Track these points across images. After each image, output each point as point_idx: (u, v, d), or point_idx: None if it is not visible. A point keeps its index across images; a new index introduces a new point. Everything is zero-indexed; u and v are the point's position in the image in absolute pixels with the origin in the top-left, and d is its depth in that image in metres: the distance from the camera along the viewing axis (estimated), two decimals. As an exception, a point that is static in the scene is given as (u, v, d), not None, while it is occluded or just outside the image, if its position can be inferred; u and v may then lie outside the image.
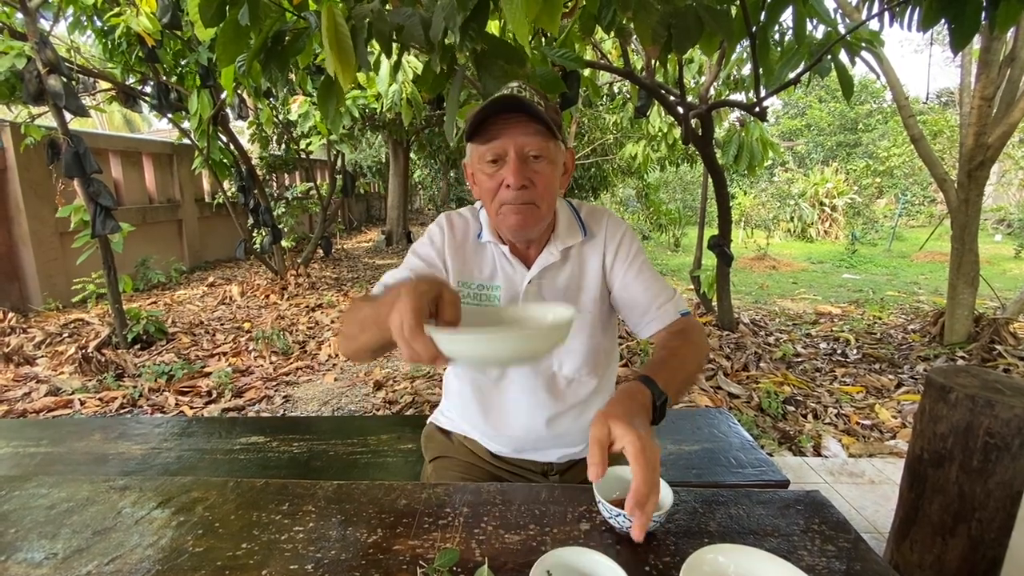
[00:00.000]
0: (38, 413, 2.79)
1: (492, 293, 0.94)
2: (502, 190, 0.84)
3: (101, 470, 1.15)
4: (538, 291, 0.94)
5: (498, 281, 0.94)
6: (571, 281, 0.95)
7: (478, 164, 0.87)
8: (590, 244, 0.96)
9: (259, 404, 2.95)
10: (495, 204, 0.86)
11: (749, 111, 2.77)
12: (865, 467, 2.17)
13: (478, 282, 0.95)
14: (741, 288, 5.98)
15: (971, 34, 1.82)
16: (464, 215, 1.00)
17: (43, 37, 2.99)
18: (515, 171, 0.82)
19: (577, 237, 0.95)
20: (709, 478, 1.15)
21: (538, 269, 0.92)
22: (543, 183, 0.85)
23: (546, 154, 0.84)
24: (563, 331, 0.62)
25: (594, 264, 0.96)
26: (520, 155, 0.83)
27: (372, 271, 7.09)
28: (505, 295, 0.93)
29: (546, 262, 0.92)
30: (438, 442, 1.06)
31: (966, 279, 3.39)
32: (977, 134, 3.08)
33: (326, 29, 1.21)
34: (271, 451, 1.23)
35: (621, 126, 7.13)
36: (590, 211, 1.00)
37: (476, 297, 0.95)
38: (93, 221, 3.30)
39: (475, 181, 0.91)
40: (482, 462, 1.02)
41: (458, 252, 0.95)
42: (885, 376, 3.14)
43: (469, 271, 0.95)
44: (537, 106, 0.82)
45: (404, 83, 3.39)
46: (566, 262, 0.95)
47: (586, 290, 0.96)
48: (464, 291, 0.94)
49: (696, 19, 1.68)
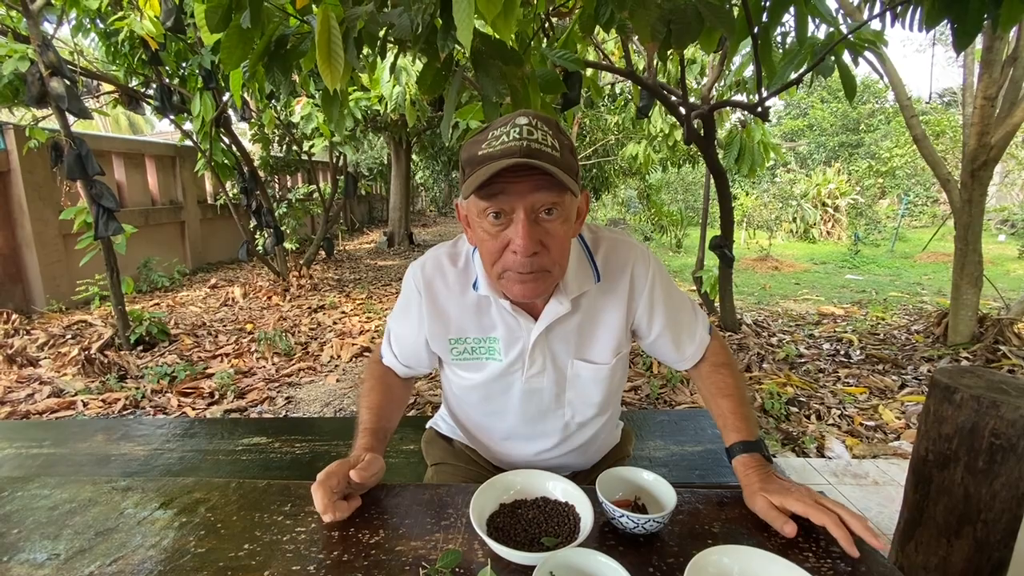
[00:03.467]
0: (41, 414, 2.80)
1: (490, 346, 0.85)
2: (507, 254, 0.72)
3: (103, 471, 1.15)
4: (547, 344, 0.85)
5: (496, 333, 0.85)
6: (584, 331, 0.85)
7: (477, 217, 0.73)
8: (607, 290, 0.85)
9: (261, 405, 2.96)
10: (497, 268, 0.74)
11: (751, 111, 2.77)
12: (869, 468, 2.16)
13: (473, 336, 0.86)
14: (744, 289, 5.96)
15: (974, 33, 1.82)
16: (442, 263, 0.86)
17: (46, 40, 3.00)
18: (524, 235, 0.69)
19: (590, 283, 0.84)
20: (712, 479, 1.15)
21: (546, 323, 0.82)
22: (557, 246, 0.72)
23: (560, 209, 0.71)
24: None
25: (613, 312, 0.86)
26: (530, 214, 0.70)
27: (374, 272, 7.09)
28: (507, 349, 0.84)
29: (555, 314, 0.81)
30: (439, 448, 1.05)
31: (970, 279, 3.37)
32: (980, 134, 3.07)
33: (319, 33, 1.22)
34: (273, 452, 1.23)
35: (623, 127, 7.13)
36: (608, 251, 0.86)
37: (472, 352, 0.86)
38: (96, 223, 3.31)
39: (470, 227, 0.77)
40: (484, 471, 1.00)
41: (441, 310, 0.85)
42: (889, 377, 3.13)
43: (458, 326, 0.86)
44: (553, 154, 0.68)
45: (408, 84, 3.40)
46: (577, 311, 0.84)
47: (602, 338, 0.86)
48: (456, 347, 0.87)
49: (696, 15, 1.68)
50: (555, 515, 0.72)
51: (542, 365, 0.85)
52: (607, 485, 0.75)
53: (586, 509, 0.71)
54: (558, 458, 0.96)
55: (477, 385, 0.89)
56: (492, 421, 0.94)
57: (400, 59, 3.13)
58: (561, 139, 0.71)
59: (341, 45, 1.40)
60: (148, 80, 4.48)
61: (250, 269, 7.08)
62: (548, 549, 0.65)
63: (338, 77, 1.45)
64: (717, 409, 0.86)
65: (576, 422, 0.91)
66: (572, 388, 0.88)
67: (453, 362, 0.89)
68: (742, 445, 0.80)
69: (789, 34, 2.79)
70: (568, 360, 0.86)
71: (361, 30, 1.53)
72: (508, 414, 0.91)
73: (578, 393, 0.88)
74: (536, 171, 0.67)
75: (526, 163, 0.65)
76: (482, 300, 0.84)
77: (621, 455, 1.06)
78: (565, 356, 0.86)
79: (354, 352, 3.74)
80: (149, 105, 4.47)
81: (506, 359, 0.85)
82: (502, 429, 0.94)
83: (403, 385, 0.99)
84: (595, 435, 0.96)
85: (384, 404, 0.90)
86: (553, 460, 0.96)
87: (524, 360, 0.85)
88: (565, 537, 0.68)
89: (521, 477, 0.78)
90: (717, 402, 0.86)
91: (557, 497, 0.75)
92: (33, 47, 2.98)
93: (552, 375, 0.86)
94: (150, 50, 3.65)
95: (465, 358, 0.87)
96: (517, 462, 0.96)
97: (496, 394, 0.89)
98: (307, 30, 1.73)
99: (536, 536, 0.69)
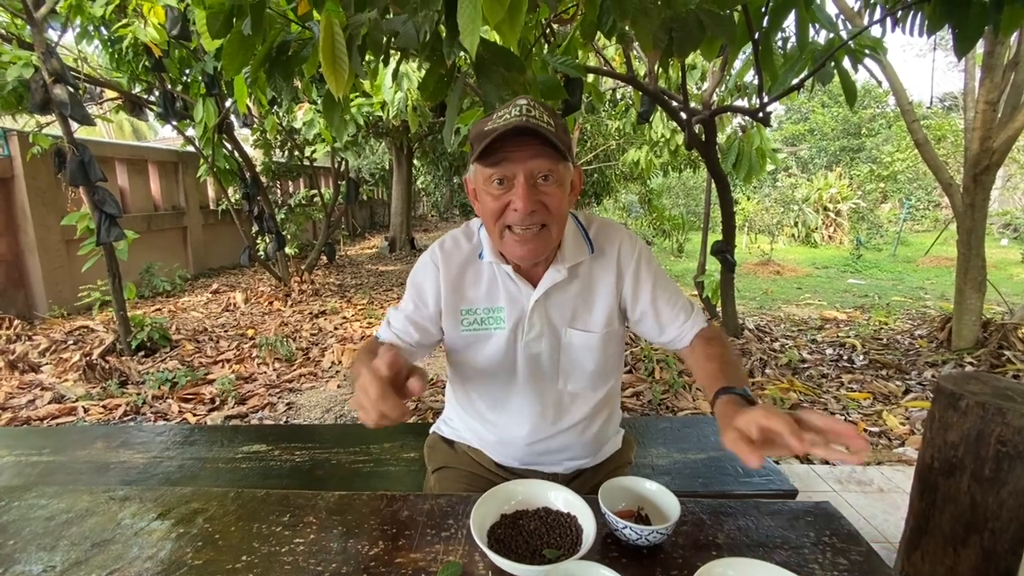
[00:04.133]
0: (42, 421, 2.79)
1: (497, 316, 0.91)
2: (508, 212, 0.81)
3: (102, 479, 1.15)
4: (544, 310, 0.91)
5: (501, 303, 0.91)
6: (579, 299, 0.92)
7: (483, 184, 0.83)
8: (600, 262, 0.93)
9: (262, 411, 2.95)
10: (499, 226, 0.83)
11: (753, 116, 2.77)
12: (874, 475, 2.14)
13: (483, 306, 0.92)
14: (745, 294, 5.95)
15: (975, 38, 1.82)
16: (458, 239, 0.96)
17: (49, 47, 3.02)
18: (524, 195, 0.79)
19: (584, 254, 0.92)
20: (716, 487, 1.14)
21: (544, 288, 0.89)
22: (554, 204, 0.82)
23: (555, 175, 0.81)
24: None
25: (606, 283, 0.93)
26: (529, 179, 0.80)
27: (375, 277, 7.09)
28: (510, 316, 0.91)
29: (553, 280, 0.89)
30: (441, 452, 1.05)
31: (973, 284, 3.36)
32: (982, 138, 3.06)
33: (323, 39, 1.22)
34: (273, 460, 1.22)
35: (623, 132, 7.14)
36: (600, 227, 0.96)
37: (481, 322, 0.92)
38: (98, 229, 3.31)
39: (477, 198, 0.88)
40: (486, 472, 1.00)
41: (456, 282, 0.93)
42: (892, 382, 3.11)
43: (470, 297, 0.93)
44: (548, 128, 0.78)
45: (409, 90, 3.41)
46: (574, 279, 0.92)
47: (596, 308, 0.93)
48: (467, 318, 0.93)
49: (697, 23, 1.68)
50: (557, 526, 0.71)
51: (540, 330, 0.91)
52: (609, 495, 0.74)
53: (588, 520, 0.70)
54: (558, 435, 0.96)
55: (485, 358, 0.93)
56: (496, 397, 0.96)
57: (402, 65, 3.14)
58: (556, 120, 0.81)
59: (345, 52, 1.40)
60: (151, 86, 4.51)
61: (252, 274, 7.08)
62: (550, 561, 0.64)
63: (343, 83, 1.45)
64: (703, 373, 0.85)
65: (569, 390, 0.95)
66: (566, 354, 0.93)
67: (464, 332, 0.93)
68: (723, 390, 0.76)
69: (789, 39, 2.79)
70: (563, 328, 0.92)
71: (365, 37, 1.54)
72: (512, 387, 0.95)
73: (572, 360, 0.93)
74: (534, 141, 0.78)
75: (525, 127, 0.75)
76: (488, 270, 0.92)
77: (622, 462, 1.06)
78: (560, 324, 0.92)
79: (355, 358, 3.73)
80: (152, 111, 4.48)
81: (508, 325, 0.91)
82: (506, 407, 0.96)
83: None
84: (591, 415, 0.97)
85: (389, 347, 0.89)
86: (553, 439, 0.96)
87: (523, 324, 0.91)
88: (567, 549, 0.67)
89: (523, 487, 0.77)
90: (704, 367, 0.86)
91: (559, 507, 0.74)
92: (37, 54, 3.00)
93: (549, 340, 0.92)
94: (153, 57, 3.67)
95: (475, 328, 0.92)
96: (520, 445, 0.96)
97: (499, 361, 0.93)
98: (308, 36, 1.74)
99: (538, 548, 0.68)
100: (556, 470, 0.99)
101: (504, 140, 0.77)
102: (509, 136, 0.77)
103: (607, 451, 1.04)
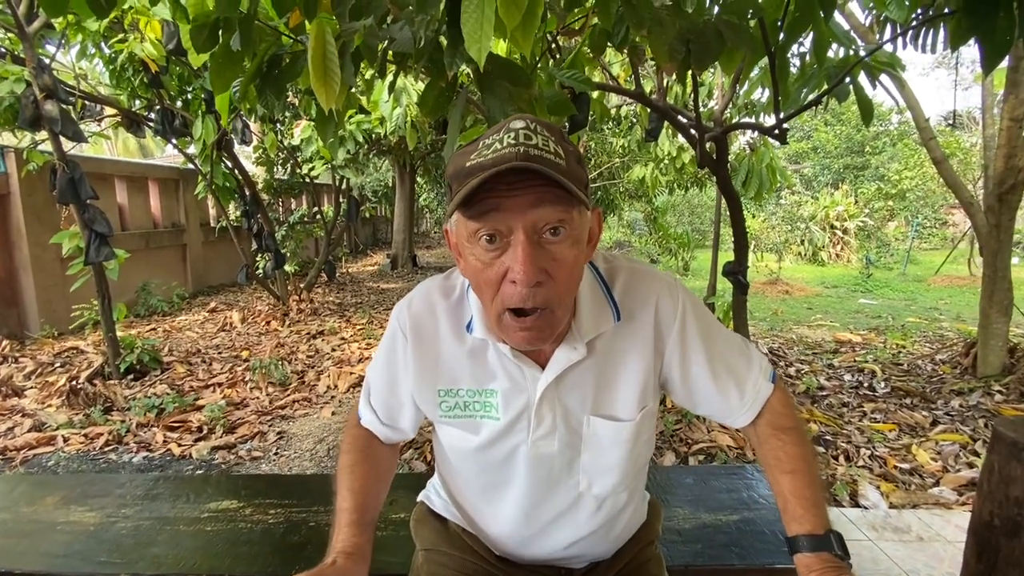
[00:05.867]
0: (19, 451, 2.64)
1: (487, 401, 0.71)
2: (506, 286, 0.59)
3: (41, 546, 0.99)
4: (557, 399, 0.70)
5: (495, 386, 0.70)
6: (602, 381, 0.71)
7: (467, 242, 0.61)
8: (628, 330, 0.71)
9: (251, 441, 2.79)
10: (496, 307, 0.61)
11: (768, 133, 2.66)
12: (910, 520, 1.96)
13: (466, 388, 0.72)
14: (755, 314, 5.79)
15: (1004, 52, 1.70)
16: (433, 300, 0.73)
17: (41, 63, 2.95)
18: (525, 261, 0.56)
19: (608, 322, 0.70)
20: (755, 559, 0.97)
21: (556, 372, 0.68)
22: (564, 275, 0.60)
23: (569, 227, 0.58)
24: None
25: (637, 359, 0.71)
26: (532, 237, 0.57)
27: (376, 296, 6.97)
28: (508, 403, 0.70)
29: (567, 362, 0.68)
30: (431, 530, 0.87)
31: (999, 308, 3.21)
32: (1007, 156, 2.94)
33: (313, 49, 1.11)
34: (243, 521, 1.07)
35: (628, 149, 7.07)
36: (628, 281, 0.72)
37: (464, 408, 0.72)
38: (87, 248, 3.21)
39: (461, 256, 0.65)
40: (484, 563, 0.82)
41: (431, 358, 0.72)
42: (918, 412, 2.94)
43: (453, 375, 0.72)
44: (557, 162, 0.56)
45: (409, 106, 3.32)
46: (592, 357, 0.70)
47: (624, 391, 0.71)
48: (447, 401, 0.72)
49: (716, 34, 1.58)
50: None
51: (551, 424, 0.70)
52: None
53: None
54: (573, 545, 0.78)
55: (473, 450, 0.74)
56: (491, 495, 0.78)
57: (400, 79, 3.05)
58: (566, 146, 0.58)
59: (337, 62, 1.30)
60: (151, 103, 4.45)
61: (251, 292, 6.97)
62: None
63: (333, 96, 1.34)
64: (777, 487, 0.71)
65: (593, 494, 0.74)
66: (588, 451, 0.72)
67: (442, 419, 0.74)
68: (807, 540, 0.65)
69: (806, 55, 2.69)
70: (584, 416, 0.71)
71: (359, 45, 1.43)
72: (511, 486, 0.75)
73: (595, 457, 0.72)
74: (537, 181, 0.55)
75: (524, 167, 0.53)
76: (478, 344, 0.70)
77: (647, 540, 0.87)
78: (580, 412, 0.71)
79: (351, 382, 3.58)
80: (150, 128, 4.42)
81: (505, 418, 0.70)
82: (504, 506, 0.77)
83: (389, 454, 0.84)
84: (618, 514, 0.78)
85: (368, 484, 0.75)
86: (567, 549, 0.79)
87: (529, 418, 0.70)
88: None
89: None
90: (777, 479, 0.71)
91: None
92: (28, 69, 2.93)
93: (564, 436, 0.71)
94: (150, 73, 3.60)
95: (456, 415, 0.72)
96: (523, 551, 0.80)
97: (496, 462, 0.74)
98: (300, 49, 1.63)
99: None
100: (569, 567, 0.83)
101: (496, 180, 0.54)
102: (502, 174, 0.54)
103: (632, 529, 0.86)
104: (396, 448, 0.86)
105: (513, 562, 0.82)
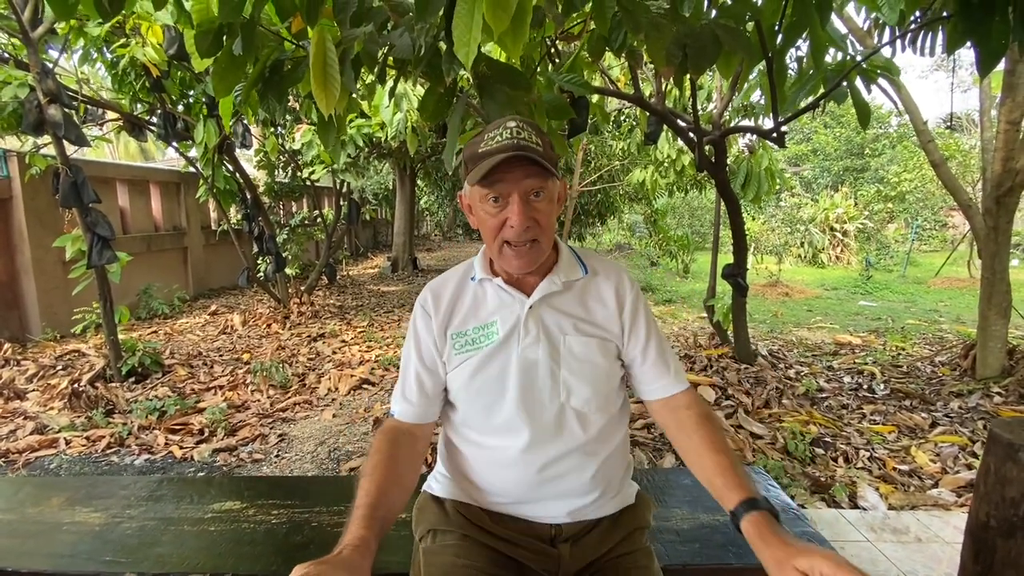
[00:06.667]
0: (20, 453, 2.65)
1: (489, 331, 0.92)
2: (505, 228, 0.86)
3: (46, 548, 1.01)
4: (539, 318, 0.92)
5: (494, 316, 0.93)
6: (574, 309, 0.93)
7: (479, 203, 0.89)
8: (595, 282, 0.96)
9: (252, 444, 2.80)
10: (497, 241, 0.88)
11: (766, 136, 2.67)
12: (909, 522, 1.97)
13: (472, 327, 0.93)
14: (755, 316, 5.80)
15: (999, 55, 1.73)
16: (447, 277, 0.99)
17: (45, 68, 2.97)
18: (519, 213, 0.84)
19: (578, 273, 0.96)
20: (751, 559, 0.97)
21: (540, 295, 0.92)
22: (544, 220, 0.88)
23: (546, 191, 0.87)
24: None
25: (604, 298, 0.95)
26: (523, 197, 0.85)
27: (376, 298, 6.98)
28: (503, 326, 0.91)
29: (548, 289, 0.92)
30: (431, 513, 0.95)
31: (998, 310, 3.22)
32: (1005, 159, 2.95)
33: (314, 55, 1.12)
34: (246, 521, 1.08)
35: (628, 152, 7.09)
36: (595, 262, 1.00)
37: (473, 343, 0.92)
38: (89, 251, 3.22)
39: (473, 213, 0.92)
40: (480, 533, 0.90)
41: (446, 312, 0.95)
42: (918, 414, 2.95)
43: (459, 321, 0.94)
44: (538, 150, 0.84)
45: (409, 111, 3.34)
46: (569, 291, 0.94)
47: (592, 318, 0.94)
48: (458, 341, 0.92)
49: (713, 38, 1.59)
50: None
51: (536, 336, 0.90)
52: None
53: None
54: (559, 459, 0.89)
55: (475, 369, 0.91)
56: (489, 417, 0.91)
57: (400, 84, 3.07)
58: (543, 139, 0.87)
59: (337, 68, 1.31)
60: (153, 107, 4.47)
61: (252, 295, 6.98)
62: None
63: (333, 101, 1.35)
64: (711, 464, 0.84)
65: (572, 406, 0.90)
66: (567, 365, 0.90)
67: (456, 356, 0.92)
68: (751, 503, 0.76)
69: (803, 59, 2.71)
70: (561, 336, 0.91)
71: (359, 51, 1.45)
72: (506, 399, 0.90)
73: (573, 372, 0.90)
74: (526, 161, 0.83)
75: (519, 155, 0.81)
76: (478, 288, 0.95)
77: (637, 524, 0.95)
78: (558, 332, 0.91)
79: (352, 384, 3.59)
80: (152, 132, 4.44)
81: (502, 334, 0.90)
82: (498, 420, 0.91)
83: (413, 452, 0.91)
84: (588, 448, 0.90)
85: (385, 485, 0.82)
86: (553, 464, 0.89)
87: (519, 331, 0.90)
88: None
89: None
90: (711, 457, 0.84)
91: None
92: (32, 74, 2.95)
93: (547, 348, 0.90)
94: (152, 77, 3.62)
95: (467, 349, 0.92)
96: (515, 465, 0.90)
97: (493, 377, 0.90)
98: (302, 54, 1.65)
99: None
100: (556, 517, 0.90)
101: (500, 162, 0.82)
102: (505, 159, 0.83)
103: (617, 503, 0.95)
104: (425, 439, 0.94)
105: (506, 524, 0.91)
